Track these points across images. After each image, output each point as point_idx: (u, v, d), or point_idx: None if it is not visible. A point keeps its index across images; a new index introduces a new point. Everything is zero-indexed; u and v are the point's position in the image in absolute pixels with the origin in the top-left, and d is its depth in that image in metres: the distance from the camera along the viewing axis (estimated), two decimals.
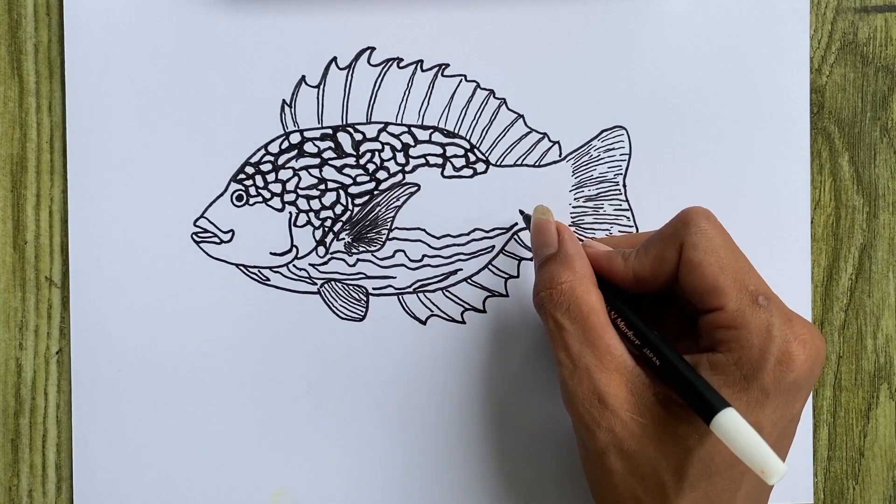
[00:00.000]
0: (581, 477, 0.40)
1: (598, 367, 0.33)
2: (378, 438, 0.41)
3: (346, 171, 0.40)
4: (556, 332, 0.34)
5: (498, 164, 0.41)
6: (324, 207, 0.40)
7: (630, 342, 0.34)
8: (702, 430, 0.32)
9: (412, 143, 0.40)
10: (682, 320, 0.35)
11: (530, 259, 0.41)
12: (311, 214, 0.40)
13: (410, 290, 0.41)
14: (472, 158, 0.41)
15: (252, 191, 0.40)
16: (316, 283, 0.41)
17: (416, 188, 0.41)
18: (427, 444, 0.41)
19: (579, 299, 0.34)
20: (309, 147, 0.40)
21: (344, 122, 0.40)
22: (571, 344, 0.34)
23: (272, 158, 0.40)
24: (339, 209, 0.40)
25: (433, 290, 0.41)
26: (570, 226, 0.41)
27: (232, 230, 0.40)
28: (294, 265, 0.40)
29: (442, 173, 0.41)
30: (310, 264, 0.40)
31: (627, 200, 0.41)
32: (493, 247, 0.41)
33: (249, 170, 0.40)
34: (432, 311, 0.41)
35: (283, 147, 0.40)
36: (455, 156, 0.41)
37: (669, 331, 0.35)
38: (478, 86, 0.40)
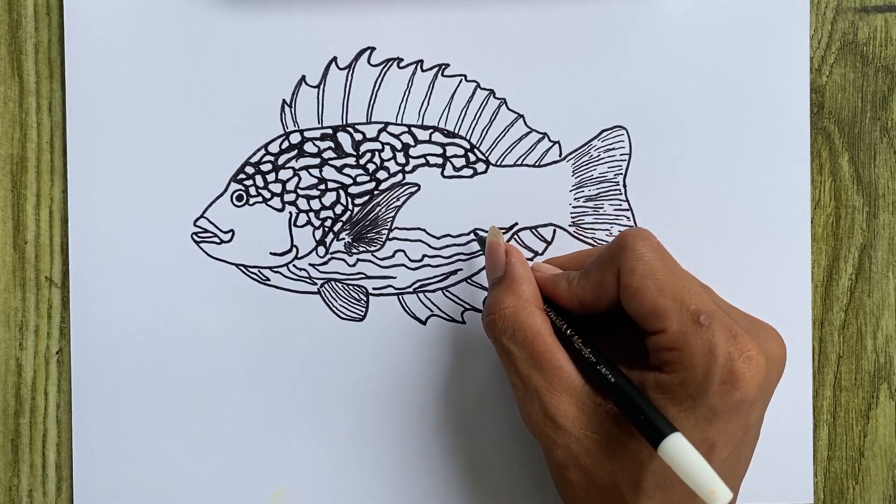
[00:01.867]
0: None
1: (547, 390, 0.34)
2: (378, 438, 0.41)
3: (346, 171, 0.40)
4: (504, 356, 0.35)
5: (498, 164, 0.41)
6: (324, 207, 0.40)
7: (582, 360, 0.34)
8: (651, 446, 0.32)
9: (412, 143, 0.40)
10: (635, 336, 0.35)
11: (531, 259, 0.41)
12: (311, 214, 0.40)
13: (410, 290, 0.41)
14: (472, 158, 0.41)
15: (252, 191, 0.40)
16: (316, 283, 0.41)
17: (416, 188, 0.41)
18: (427, 443, 0.41)
19: (523, 324, 0.34)
20: (309, 147, 0.40)
21: (344, 122, 0.40)
22: (520, 367, 0.34)
23: (272, 158, 0.40)
24: (339, 209, 0.40)
25: (433, 290, 0.41)
26: (570, 225, 0.41)
27: (232, 230, 0.40)
28: (294, 265, 0.40)
29: (442, 173, 0.41)
30: (310, 264, 0.40)
31: (627, 200, 0.41)
32: None
33: (249, 170, 0.40)
34: (432, 311, 0.41)
35: (283, 147, 0.40)
36: (455, 156, 0.41)
37: (623, 346, 0.35)
38: (478, 86, 0.40)
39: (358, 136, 0.40)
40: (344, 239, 0.41)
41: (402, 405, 0.41)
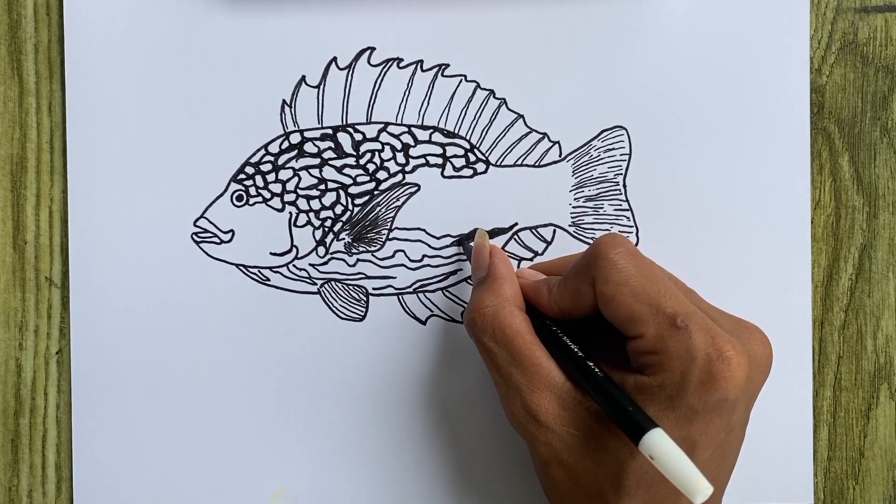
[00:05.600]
0: None
1: (528, 387, 0.34)
2: (378, 438, 0.41)
3: (346, 171, 0.40)
4: (485, 355, 0.35)
5: (498, 164, 0.41)
6: (324, 207, 0.40)
7: (565, 356, 0.34)
8: (632, 443, 0.32)
9: (412, 143, 0.40)
10: (616, 341, 0.35)
11: (530, 259, 0.41)
12: (311, 214, 0.40)
13: (410, 290, 0.41)
14: (472, 158, 0.41)
15: (252, 191, 0.40)
16: (316, 283, 0.41)
17: (416, 188, 0.41)
18: (427, 442, 0.41)
19: (503, 323, 0.35)
20: (309, 147, 0.40)
21: (344, 122, 0.40)
22: (501, 365, 0.34)
23: (272, 158, 0.40)
24: (339, 209, 0.40)
25: (433, 290, 0.41)
26: (570, 225, 0.41)
27: (232, 230, 0.40)
28: (294, 265, 0.40)
29: (442, 173, 0.41)
30: (310, 264, 0.40)
31: (627, 200, 0.41)
32: None
33: (249, 170, 0.40)
34: (432, 311, 0.41)
35: (283, 147, 0.40)
36: (455, 156, 0.41)
37: (604, 351, 0.35)
38: (478, 86, 0.40)
39: (358, 137, 0.40)
40: (344, 239, 0.41)
41: (402, 405, 0.41)
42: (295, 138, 0.40)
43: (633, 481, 0.32)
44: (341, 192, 0.40)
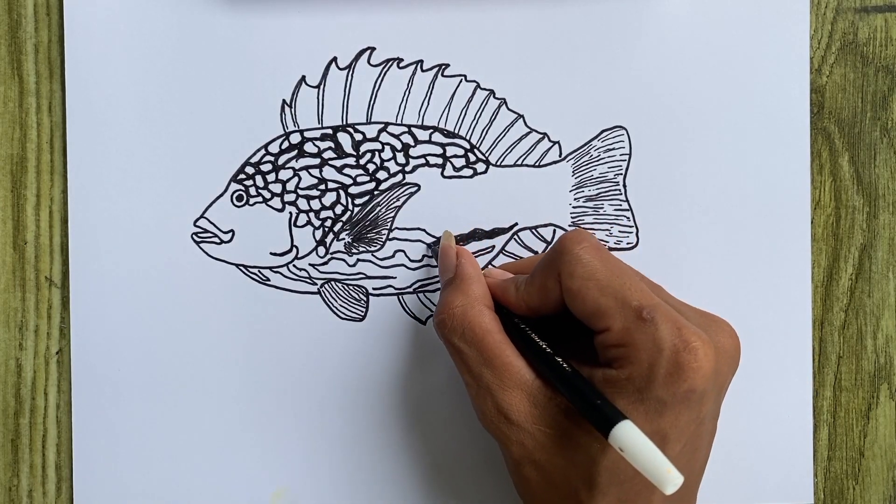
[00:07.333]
0: None
1: (498, 386, 0.34)
2: (378, 438, 0.41)
3: (346, 171, 0.40)
4: (455, 355, 0.35)
5: (498, 164, 0.41)
6: (324, 207, 0.40)
7: (534, 353, 0.34)
8: (603, 440, 0.32)
9: (412, 144, 0.40)
10: (585, 337, 0.35)
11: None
12: (311, 214, 0.40)
13: (410, 290, 0.41)
14: (472, 158, 0.41)
15: (252, 191, 0.40)
16: (316, 283, 0.41)
17: (416, 188, 0.41)
18: (427, 443, 0.41)
19: (472, 322, 0.35)
20: (309, 147, 0.40)
21: (344, 122, 0.40)
22: (471, 365, 0.34)
23: (272, 158, 0.40)
24: (339, 209, 0.40)
25: (433, 290, 0.41)
26: (570, 226, 0.41)
27: (232, 230, 0.40)
28: (294, 265, 0.40)
29: (442, 173, 0.41)
30: (310, 264, 0.40)
31: (627, 200, 0.41)
32: (493, 247, 0.41)
33: (249, 170, 0.40)
34: (432, 311, 0.41)
35: (283, 147, 0.40)
36: (455, 156, 0.41)
37: (573, 348, 0.35)
38: (478, 86, 0.40)
39: (358, 137, 0.40)
40: (344, 239, 0.41)
41: (402, 405, 0.41)
42: (295, 138, 0.40)
43: (605, 479, 0.32)
44: (341, 192, 0.40)
